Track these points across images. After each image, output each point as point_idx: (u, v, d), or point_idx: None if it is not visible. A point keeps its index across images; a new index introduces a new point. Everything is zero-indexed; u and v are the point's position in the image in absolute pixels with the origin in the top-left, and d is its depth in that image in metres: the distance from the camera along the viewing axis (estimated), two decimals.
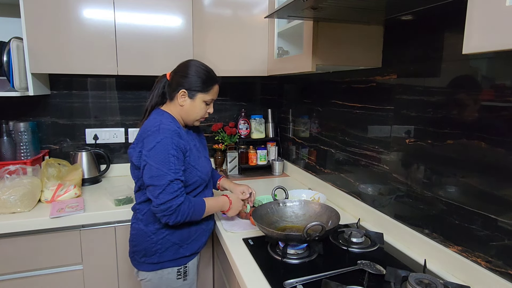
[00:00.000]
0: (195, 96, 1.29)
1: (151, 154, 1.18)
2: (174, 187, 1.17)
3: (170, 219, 1.18)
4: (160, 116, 1.27)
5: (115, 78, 2.13)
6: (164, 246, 1.27)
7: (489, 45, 0.61)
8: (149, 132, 1.22)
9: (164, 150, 1.17)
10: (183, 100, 1.29)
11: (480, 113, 0.97)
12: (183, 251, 1.30)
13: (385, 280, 1.00)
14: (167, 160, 1.17)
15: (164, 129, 1.21)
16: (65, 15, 1.67)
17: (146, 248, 1.28)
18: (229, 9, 1.92)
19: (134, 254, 1.32)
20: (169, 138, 1.19)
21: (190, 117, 1.33)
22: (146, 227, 1.28)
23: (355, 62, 1.34)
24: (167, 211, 1.17)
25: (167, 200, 1.16)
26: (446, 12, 1.05)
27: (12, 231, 1.46)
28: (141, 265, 1.30)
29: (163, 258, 1.28)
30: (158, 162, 1.17)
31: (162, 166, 1.16)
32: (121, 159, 2.20)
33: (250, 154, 2.32)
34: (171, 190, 1.16)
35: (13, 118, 1.92)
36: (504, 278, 0.91)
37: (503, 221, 0.91)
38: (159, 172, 1.16)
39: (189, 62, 1.32)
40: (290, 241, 1.16)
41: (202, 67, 1.31)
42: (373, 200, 1.45)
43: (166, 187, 1.16)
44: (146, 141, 1.21)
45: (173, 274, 1.30)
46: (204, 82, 1.29)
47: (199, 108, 1.31)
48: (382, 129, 1.36)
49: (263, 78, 2.39)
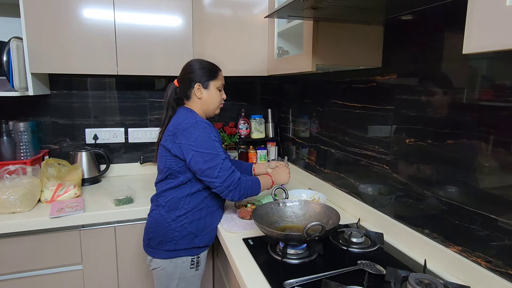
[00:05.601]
0: (208, 85, 1.41)
1: (197, 143, 1.27)
2: (228, 164, 1.30)
3: (235, 194, 1.29)
4: (191, 112, 1.37)
5: (115, 78, 2.13)
6: (181, 234, 1.34)
7: (489, 45, 0.61)
8: (187, 125, 1.31)
9: (208, 137, 1.29)
10: (200, 93, 1.39)
11: (480, 113, 0.97)
12: (197, 241, 1.37)
13: (385, 280, 1.00)
14: (213, 144, 1.29)
15: (202, 121, 1.32)
16: (65, 15, 1.67)
17: (163, 235, 1.34)
18: (229, 9, 1.91)
19: (150, 241, 1.37)
20: (207, 128, 1.31)
21: (210, 106, 1.43)
22: (167, 214, 1.35)
23: (355, 62, 1.34)
24: (232, 186, 1.28)
25: (228, 175, 1.27)
26: (446, 12, 1.05)
27: (12, 231, 1.46)
28: (156, 252, 1.36)
29: (179, 246, 1.34)
30: (206, 147, 1.27)
31: (211, 149, 1.27)
32: (121, 159, 2.20)
33: (250, 154, 2.32)
34: (226, 167, 1.28)
35: (13, 118, 1.92)
36: (504, 278, 0.91)
37: (503, 221, 0.91)
38: (210, 156, 1.27)
39: (191, 62, 1.44)
40: (290, 241, 1.16)
41: (203, 61, 1.44)
42: (373, 200, 1.45)
43: (222, 165, 1.27)
44: (186, 133, 1.29)
45: (187, 263, 1.37)
46: (210, 71, 1.41)
47: (215, 95, 1.43)
48: (382, 129, 1.36)
49: (263, 78, 2.39)
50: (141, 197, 1.73)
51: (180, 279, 1.36)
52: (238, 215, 1.51)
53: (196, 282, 1.42)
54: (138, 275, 1.70)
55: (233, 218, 1.50)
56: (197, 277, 1.41)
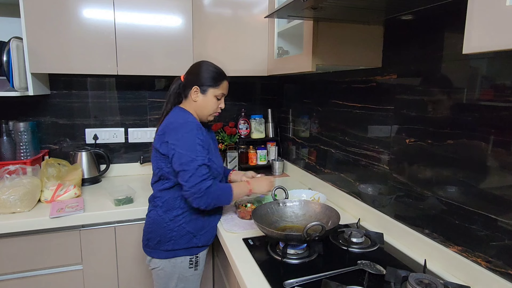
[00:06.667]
0: (206, 92, 1.40)
1: (180, 143, 1.27)
2: (202, 171, 1.26)
3: (201, 202, 1.26)
4: (183, 112, 1.38)
5: (115, 78, 2.13)
6: (179, 233, 1.34)
7: (489, 45, 0.61)
8: (175, 124, 1.32)
9: (191, 139, 1.28)
10: (196, 96, 1.40)
11: (480, 113, 0.97)
12: (196, 241, 1.37)
13: (385, 280, 1.00)
14: (194, 147, 1.27)
15: (191, 122, 1.32)
16: (65, 15, 1.67)
17: (162, 235, 1.34)
18: (229, 9, 1.91)
19: (148, 241, 1.38)
20: (194, 130, 1.30)
21: (203, 112, 1.42)
22: (164, 214, 1.35)
23: (355, 62, 1.34)
24: (198, 194, 1.25)
25: (196, 183, 1.24)
26: (446, 12, 1.05)
27: (12, 231, 1.46)
28: (155, 252, 1.36)
29: (177, 245, 1.35)
30: (186, 149, 1.26)
31: (190, 152, 1.26)
32: (121, 159, 2.20)
33: (250, 154, 2.32)
34: (199, 174, 1.25)
35: (13, 118, 1.92)
36: (504, 278, 0.91)
37: (503, 221, 0.91)
38: (187, 158, 1.25)
39: (201, 62, 1.44)
40: (290, 241, 1.16)
41: (212, 66, 1.43)
42: (373, 200, 1.45)
43: (195, 171, 1.25)
44: (173, 132, 1.30)
45: (185, 262, 1.37)
46: (213, 78, 1.40)
47: (211, 102, 1.41)
48: (382, 129, 1.36)
49: (263, 78, 2.39)
50: (141, 197, 1.73)
51: (179, 279, 1.36)
52: (238, 215, 1.51)
53: (196, 281, 1.42)
54: (138, 275, 1.70)
55: (233, 218, 1.50)
56: (196, 276, 1.41)
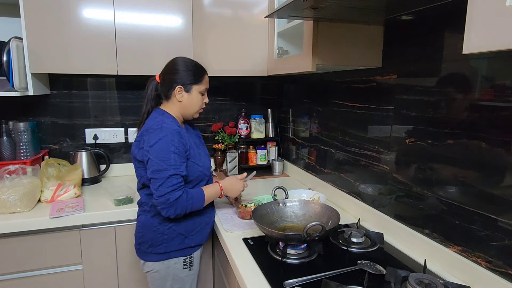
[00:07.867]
0: (191, 89, 1.35)
1: (153, 150, 1.23)
2: (173, 181, 1.22)
3: (170, 212, 1.23)
4: (162, 116, 1.32)
5: (115, 78, 2.13)
6: (170, 236, 1.32)
7: (489, 45, 0.61)
8: (151, 130, 1.27)
9: (166, 147, 1.23)
10: (180, 96, 1.34)
11: (480, 113, 0.97)
12: (188, 241, 1.35)
13: (385, 280, 1.00)
14: (168, 156, 1.22)
15: (166, 128, 1.26)
16: (65, 15, 1.67)
17: (153, 238, 1.33)
18: (229, 9, 1.91)
19: (140, 245, 1.36)
20: (169, 136, 1.24)
21: (189, 111, 1.38)
22: (152, 218, 1.33)
23: (355, 62, 1.34)
24: (166, 204, 1.22)
25: (165, 193, 1.21)
26: (446, 12, 1.05)
27: (12, 231, 1.46)
28: (147, 256, 1.35)
29: (170, 248, 1.33)
30: (159, 158, 1.22)
31: (162, 162, 1.22)
32: (121, 159, 2.20)
33: (250, 154, 2.32)
34: (169, 184, 1.21)
35: (13, 118, 1.92)
36: (504, 278, 0.91)
37: (503, 221, 0.91)
38: (159, 167, 1.22)
39: (175, 59, 1.37)
40: (290, 241, 1.16)
41: (189, 61, 1.37)
42: (373, 200, 1.45)
43: (165, 181, 1.21)
44: (148, 138, 1.26)
45: (179, 264, 1.35)
46: (195, 74, 1.35)
47: (196, 99, 1.37)
48: (382, 129, 1.36)
49: (263, 78, 2.39)
50: None
51: (174, 280, 1.35)
52: (238, 215, 1.51)
53: (191, 282, 1.40)
54: (138, 275, 1.70)
55: (233, 218, 1.50)
56: (192, 277, 1.40)
